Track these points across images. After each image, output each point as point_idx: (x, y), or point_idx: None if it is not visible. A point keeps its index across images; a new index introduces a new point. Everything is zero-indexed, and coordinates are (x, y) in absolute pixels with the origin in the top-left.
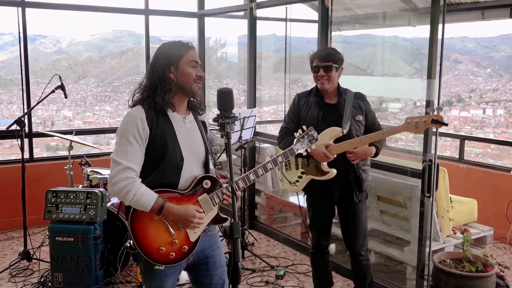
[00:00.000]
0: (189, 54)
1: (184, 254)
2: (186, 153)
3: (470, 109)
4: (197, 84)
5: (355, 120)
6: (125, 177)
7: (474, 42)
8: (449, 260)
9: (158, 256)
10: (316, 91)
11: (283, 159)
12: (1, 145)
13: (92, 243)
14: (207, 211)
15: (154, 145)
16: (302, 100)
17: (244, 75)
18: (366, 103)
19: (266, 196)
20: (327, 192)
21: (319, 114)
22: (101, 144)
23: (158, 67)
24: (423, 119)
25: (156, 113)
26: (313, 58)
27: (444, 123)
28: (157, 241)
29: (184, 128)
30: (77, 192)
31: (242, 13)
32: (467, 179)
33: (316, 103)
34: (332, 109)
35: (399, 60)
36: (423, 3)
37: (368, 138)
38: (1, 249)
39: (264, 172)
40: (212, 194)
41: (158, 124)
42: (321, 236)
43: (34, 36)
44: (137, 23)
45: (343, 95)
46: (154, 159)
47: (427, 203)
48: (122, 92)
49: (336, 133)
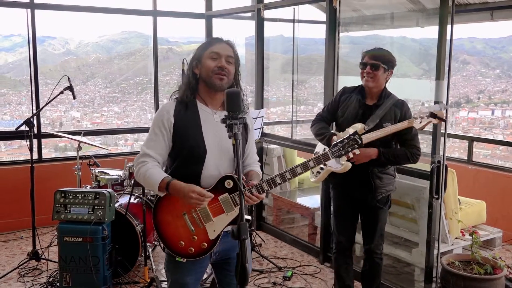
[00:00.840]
0: (212, 47)
1: (203, 250)
2: (211, 147)
3: (479, 110)
4: (217, 76)
5: (382, 126)
6: (141, 161)
7: (482, 42)
8: (457, 262)
9: (178, 249)
10: (361, 89)
11: (315, 164)
12: (10, 146)
13: (100, 244)
14: (228, 211)
15: (178, 133)
16: (345, 95)
17: (252, 76)
18: (404, 112)
19: (273, 197)
20: (350, 193)
21: (358, 113)
22: (109, 145)
23: (189, 64)
24: (426, 114)
25: (185, 105)
26: (365, 55)
27: (443, 119)
28: (177, 235)
29: (213, 122)
30: (85, 192)
31: (250, 14)
32: (475, 181)
33: (357, 101)
34: (369, 110)
35: (407, 61)
36: (432, 4)
37: (375, 135)
38: (10, 249)
39: (292, 177)
40: (233, 195)
41: (184, 115)
42: (341, 233)
43: (43, 37)
44: (145, 24)
45: (384, 98)
46: (178, 147)
47: (436, 205)
48: (130, 93)
49: (357, 129)
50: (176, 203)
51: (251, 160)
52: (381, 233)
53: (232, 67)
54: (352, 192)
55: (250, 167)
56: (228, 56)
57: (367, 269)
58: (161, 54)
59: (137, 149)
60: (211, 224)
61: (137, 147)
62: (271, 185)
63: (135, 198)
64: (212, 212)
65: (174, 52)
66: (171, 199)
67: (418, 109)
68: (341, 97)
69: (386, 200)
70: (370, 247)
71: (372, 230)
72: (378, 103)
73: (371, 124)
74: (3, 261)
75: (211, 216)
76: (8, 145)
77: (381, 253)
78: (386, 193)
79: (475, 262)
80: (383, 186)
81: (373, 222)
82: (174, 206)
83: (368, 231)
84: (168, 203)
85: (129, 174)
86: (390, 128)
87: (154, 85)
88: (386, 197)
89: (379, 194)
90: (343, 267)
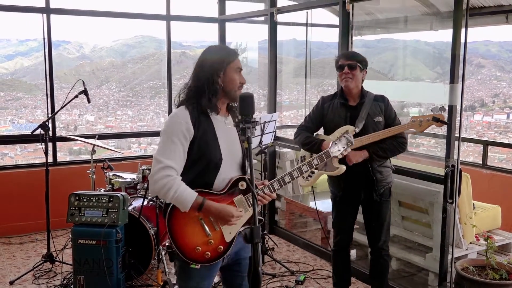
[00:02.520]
0: (236, 60)
1: (219, 254)
2: (225, 154)
3: (494, 114)
4: (239, 91)
5: (374, 121)
6: (165, 175)
7: (497, 46)
8: (472, 268)
9: (194, 255)
10: (340, 93)
11: (318, 162)
12: (26, 149)
13: (114, 246)
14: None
15: (196, 144)
16: (326, 103)
17: (265, 80)
18: (387, 105)
19: (286, 201)
20: (352, 190)
21: (346, 115)
22: (122, 148)
23: (206, 71)
24: (426, 118)
25: (199, 114)
26: (338, 58)
27: (445, 121)
28: (193, 241)
29: (225, 129)
30: (99, 195)
31: (263, 18)
32: (490, 185)
33: (341, 105)
34: (355, 110)
35: (421, 64)
36: (446, 7)
37: (376, 135)
38: (26, 251)
39: (299, 174)
40: (247, 196)
41: (201, 125)
42: (342, 235)
43: (58, 42)
44: (158, 29)
45: (364, 97)
46: (194, 158)
47: (450, 209)
48: (143, 97)
49: (346, 130)
50: (191, 209)
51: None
52: (387, 228)
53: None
54: (356, 192)
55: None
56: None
57: (376, 268)
58: (175, 58)
59: (150, 153)
60: (227, 226)
61: (150, 150)
62: (281, 184)
63: (148, 201)
64: None
65: (187, 56)
66: None
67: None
68: (323, 105)
69: (388, 193)
70: (379, 245)
71: (378, 227)
72: (361, 102)
73: (360, 125)
74: (18, 263)
75: None
76: (24, 148)
77: (388, 249)
78: (387, 185)
79: (490, 268)
80: (384, 179)
81: (379, 219)
82: (190, 212)
83: (375, 230)
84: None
85: (143, 177)
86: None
87: (167, 89)
88: (388, 189)
89: (381, 187)
90: (342, 263)
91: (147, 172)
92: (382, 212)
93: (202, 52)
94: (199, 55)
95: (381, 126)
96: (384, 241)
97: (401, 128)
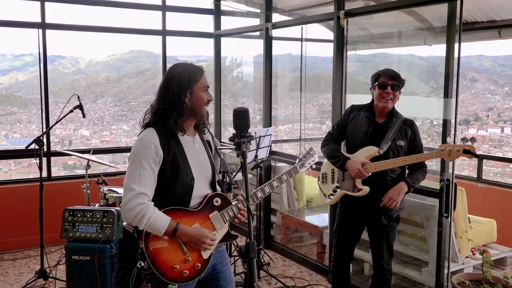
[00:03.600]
0: (202, 79)
1: (197, 271)
2: (196, 173)
3: (488, 128)
4: (205, 108)
5: (395, 144)
6: (138, 203)
7: (491, 60)
8: (468, 282)
9: (171, 275)
10: (369, 107)
11: (288, 177)
12: (20, 164)
13: (108, 262)
14: (218, 228)
15: (167, 167)
16: (353, 112)
17: (260, 94)
18: (414, 131)
19: (281, 215)
20: (359, 210)
21: (368, 129)
22: (117, 163)
23: (172, 91)
24: (456, 148)
25: (168, 136)
26: (380, 75)
27: (476, 154)
28: (170, 260)
29: (194, 149)
30: (93, 211)
31: (258, 33)
32: (485, 199)
33: (366, 118)
34: (379, 128)
35: (415, 78)
36: (439, 23)
37: (402, 160)
38: (18, 267)
39: (271, 190)
40: (222, 212)
41: (170, 147)
42: (341, 248)
43: (53, 56)
44: (154, 44)
45: (394, 117)
46: (166, 181)
47: (445, 223)
48: (139, 112)
49: (372, 152)
50: (165, 234)
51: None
52: (390, 249)
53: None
54: (366, 212)
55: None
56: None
57: (376, 285)
58: None
59: None
60: None
61: None
62: (254, 199)
63: None
64: None
65: None
66: None
67: (427, 127)
68: (350, 114)
69: (399, 217)
70: (381, 264)
71: (382, 247)
72: (388, 121)
73: (384, 147)
74: (11, 279)
75: None
76: (18, 163)
77: (390, 268)
78: (400, 210)
79: (486, 282)
80: (401, 204)
81: (384, 240)
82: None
83: (378, 248)
84: None
85: None
86: (420, 156)
87: None
88: (399, 214)
89: (394, 212)
90: (341, 279)
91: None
92: (387, 234)
93: (166, 72)
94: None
95: (401, 150)
96: (386, 260)
97: (429, 156)
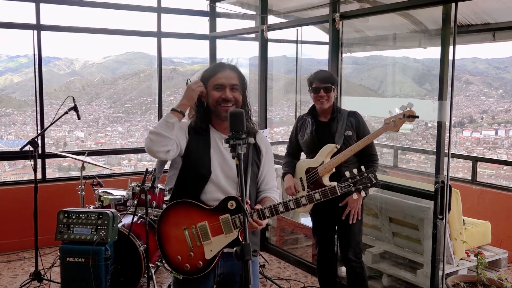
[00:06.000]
0: (215, 76)
1: (199, 269)
2: (217, 170)
3: (482, 130)
4: (222, 108)
5: (344, 136)
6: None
7: (485, 63)
8: (463, 284)
9: (175, 264)
10: (312, 109)
11: (321, 197)
12: (14, 166)
13: (103, 264)
14: (227, 233)
15: (187, 153)
16: (300, 121)
17: (255, 96)
18: (358, 119)
19: (277, 217)
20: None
21: (312, 130)
22: (112, 165)
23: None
24: (398, 117)
25: (198, 127)
26: (313, 79)
27: (415, 115)
28: (176, 249)
29: (221, 146)
30: (88, 212)
31: (254, 35)
32: (480, 201)
33: (310, 122)
34: (325, 126)
35: (410, 81)
36: (434, 25)
37: (356, 146)
38: (13, 269)
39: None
40: (234, 216)
41: (195, 136)
42: (321, 245)
43: (48, 58)
44: (149, 45)
45: (336, 113)
46: (184, 166)
47: (440, 225)
48: (134, 113)
49: (330, 149)
50: (179, 216)
51: (266, 186)
52: (357, 240)
53: (238, 94)
54: (333, 207)
55: (265, 193)
56: (232, 85)
57: (350, 279)
58: (166, 75)
59: (140, 169)
60: (209, 243)
61: (140, 167)
62: (273, 213)
63: (138, 218)
64: (211, 231)
65: (178, 73)
66: (176, 211)
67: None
68: (297, 124)
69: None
70: (348, 256)
71: (348, 238)
72: (332, 117)
73: (339, 141)
74: (5, 282)
75: (210, 235)
76: (12, 165)
77: (360, 261)
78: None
79: (481, 284)
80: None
81: (349, 231)
82: (177, 220)
83: (345, 240)
84: (173, 215)
85: (133, 194)
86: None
87: (158, 105)
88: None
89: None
90: (327, 274)
91: (137, 189)
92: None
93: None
94: (189, 71)
95: (351, 139)
96: (354, 252)
97: (378, 132)
